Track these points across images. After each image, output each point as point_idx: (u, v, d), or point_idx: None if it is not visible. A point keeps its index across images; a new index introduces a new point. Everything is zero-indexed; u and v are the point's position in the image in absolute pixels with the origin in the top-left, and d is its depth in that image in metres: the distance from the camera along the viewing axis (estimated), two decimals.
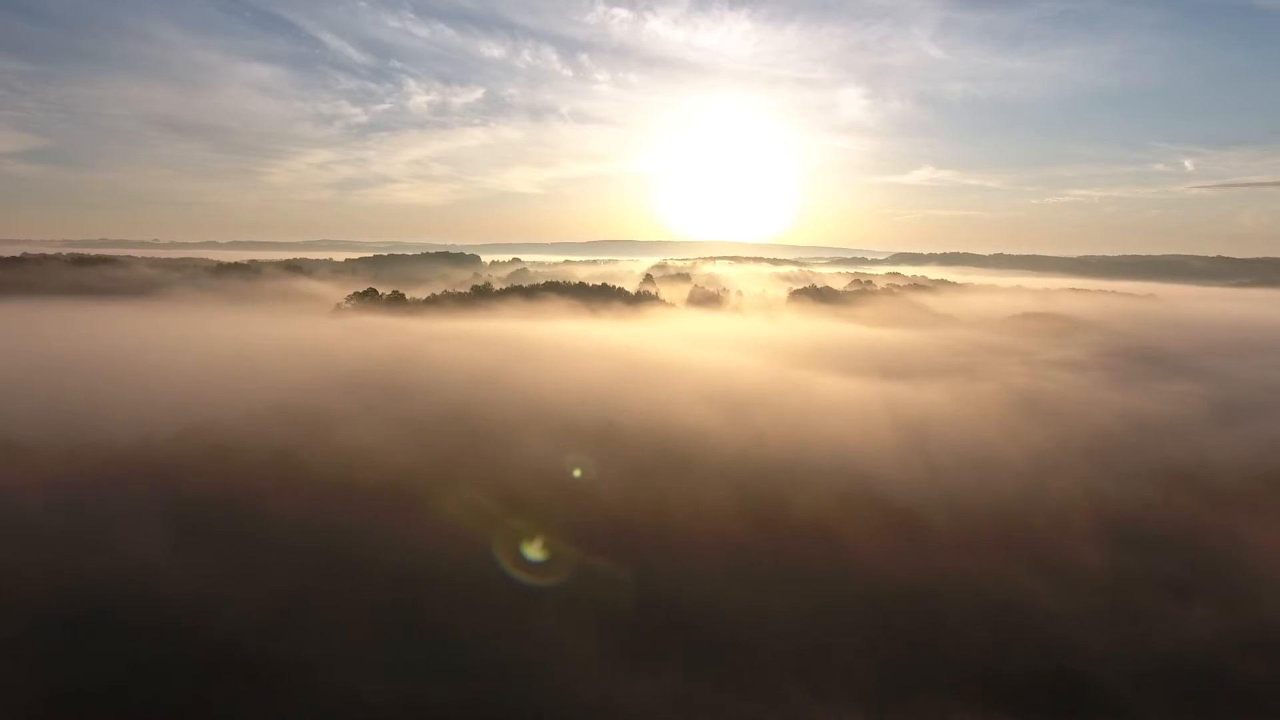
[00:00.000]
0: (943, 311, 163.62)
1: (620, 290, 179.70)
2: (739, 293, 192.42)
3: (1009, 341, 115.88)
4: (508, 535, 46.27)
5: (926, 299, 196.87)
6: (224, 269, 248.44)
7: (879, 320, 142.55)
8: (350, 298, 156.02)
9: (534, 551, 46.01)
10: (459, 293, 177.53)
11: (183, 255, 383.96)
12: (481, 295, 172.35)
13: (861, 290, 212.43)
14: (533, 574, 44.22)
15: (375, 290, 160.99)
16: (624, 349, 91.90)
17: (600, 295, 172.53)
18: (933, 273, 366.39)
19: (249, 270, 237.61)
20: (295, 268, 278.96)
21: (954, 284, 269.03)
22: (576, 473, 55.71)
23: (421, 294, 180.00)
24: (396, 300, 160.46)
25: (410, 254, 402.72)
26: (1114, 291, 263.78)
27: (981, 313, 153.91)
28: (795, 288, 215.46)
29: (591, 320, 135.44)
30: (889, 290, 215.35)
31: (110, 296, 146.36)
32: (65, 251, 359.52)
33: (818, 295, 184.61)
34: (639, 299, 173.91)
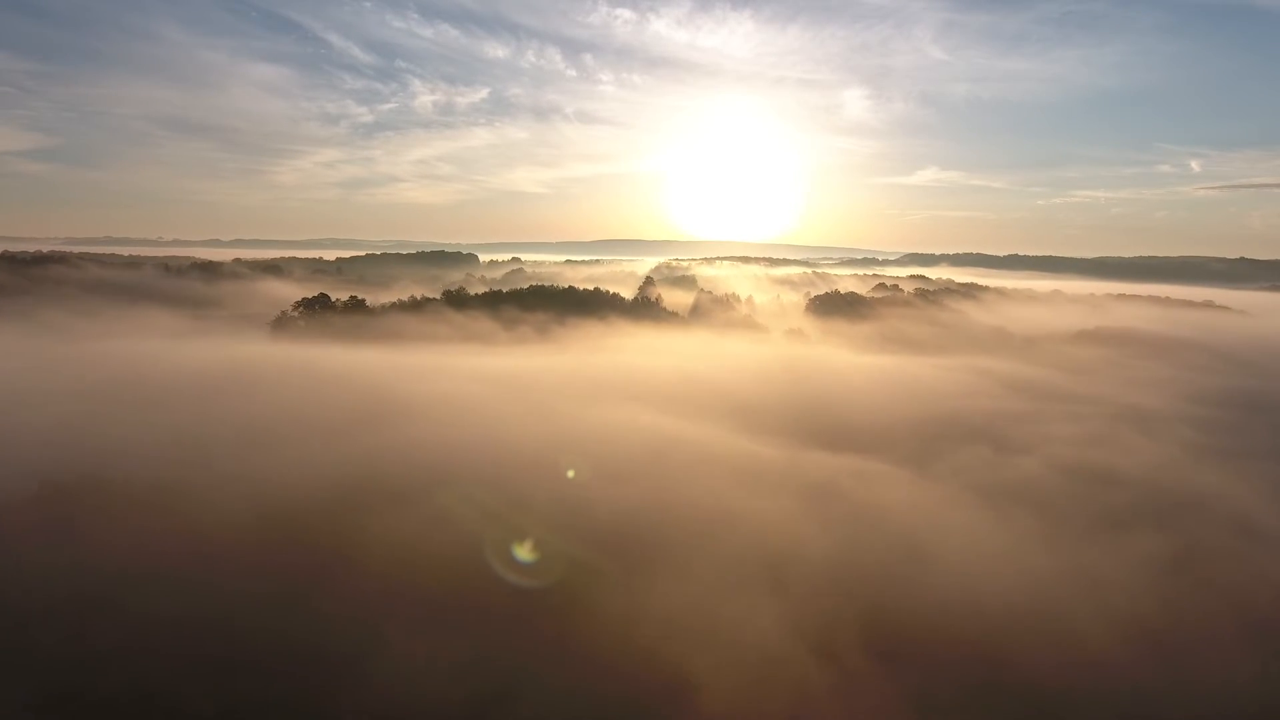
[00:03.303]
0: (990, 324, 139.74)
1: (615, 296, 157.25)
2: (749, 300, 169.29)
3: (1080, 385, 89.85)
4: None
5: (966, 307, 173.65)
6: (192, 269, 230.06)
7: (917, 342, 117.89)
8: (297, 305, 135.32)
9: None
10: (429, 298, 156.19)
11: (171, 254, 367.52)
12: (454, 301, 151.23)
13: (887, 297, 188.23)
14: None
15: (327, 296, 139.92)
16: (528, 393, 68.73)
17: (591, 302, 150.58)
18: (958, 275, 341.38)
19: (212, 272, 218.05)
20: (273, 268, 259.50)
21: (985, 288, 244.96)
22: None
23: (394, 298, 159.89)
24: (354, 306, 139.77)
25: (407, 253, 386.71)
26: (1167, 298, 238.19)
27: (1041, 329, 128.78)
28: (813, 293, 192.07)
29: (534, 343, 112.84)
30: (919, 296, 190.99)
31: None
32: (49, 249, 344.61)
33: (841, 305, 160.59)
34: (635, 307, 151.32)
